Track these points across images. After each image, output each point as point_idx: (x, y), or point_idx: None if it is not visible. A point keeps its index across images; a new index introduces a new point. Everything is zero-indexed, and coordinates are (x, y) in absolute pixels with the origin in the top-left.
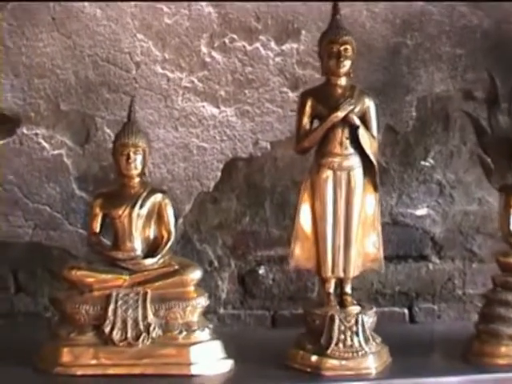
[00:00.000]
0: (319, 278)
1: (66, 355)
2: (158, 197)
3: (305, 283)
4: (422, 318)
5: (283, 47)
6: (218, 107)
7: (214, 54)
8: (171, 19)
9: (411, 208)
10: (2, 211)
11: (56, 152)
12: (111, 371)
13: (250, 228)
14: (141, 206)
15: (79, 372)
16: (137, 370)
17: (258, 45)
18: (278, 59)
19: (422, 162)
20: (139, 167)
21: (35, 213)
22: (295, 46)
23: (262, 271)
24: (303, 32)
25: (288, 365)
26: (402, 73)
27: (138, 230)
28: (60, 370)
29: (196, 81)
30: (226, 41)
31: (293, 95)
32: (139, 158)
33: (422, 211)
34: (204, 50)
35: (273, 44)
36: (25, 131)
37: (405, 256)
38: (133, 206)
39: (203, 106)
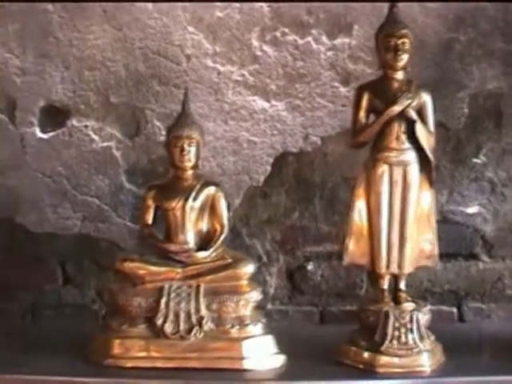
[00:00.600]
0: (372, 275)
1: (117, 347)
2: (211, 189)
3: (353, 280)
4: (471, 317)
5: (335, 42)
6: (269, 101)
7: (265, 47)
8: (222, 12)
9: (462, 206)
10: (51, 203)
11: (105, 144)
12: (162, 364)
13: (300, 223)
14: (194, 199)
15: (130, 364)
16: (188, 364)
17: (309, 39)
18: (329, 53)
19: (474, 160)
20: (193, 159)
21: (84, 205)
22: (347, 40)
23: (310, 267)
24: (355, 27)
25: (340, 361)
26: (454, 69)
27: (191, 223)
28: (111, 361)
29: (247, 74)
30: (278, 34)
31: (344, 90)
32: (193, 150)
33: (472, 209)
34: (255, 43)
35: (324, 38)
36: (74, 123)
37: (455, 254)
38: (186, 199)
39: (254, 100)
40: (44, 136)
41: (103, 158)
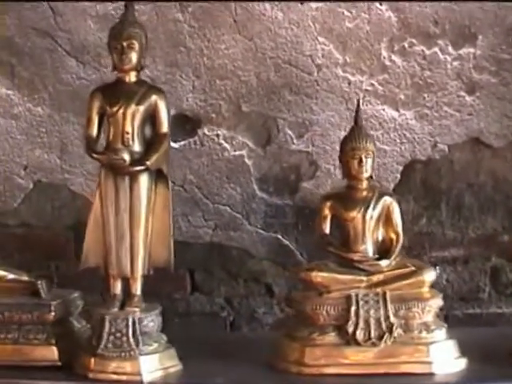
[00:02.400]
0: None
1: (308, 355)
2: (387, 199)
3: (477, 284)
4: None
5: (460, 51)
6: (398, 110)
7: (393, 57)
8: (352, 23)
9: None
10: (183, 211)
11: (237, 153)
12: (354, 371)
13: (426, 229)
14: (373, 209)
15: (323, 371)
16: (379, 370)
17: (436, 49)
18: (455, 63)
19: None
20: (369, 170)
21: (215, 213)
22: (472, 50)
23: (436, 272)
24: (480, 37)
25: None
26: None
27: (370, 232)
28: (303, 369)
29: (376, 84)
30: (406, 45)
31: (469, 99)
32: (369, 161)
33: None
34: (384, 53)
35: (450, 48)
36: (206, 132)
37: None
38: (366, 209)
39: (383, 109)
40: (175, 145)
41: (235, 166)
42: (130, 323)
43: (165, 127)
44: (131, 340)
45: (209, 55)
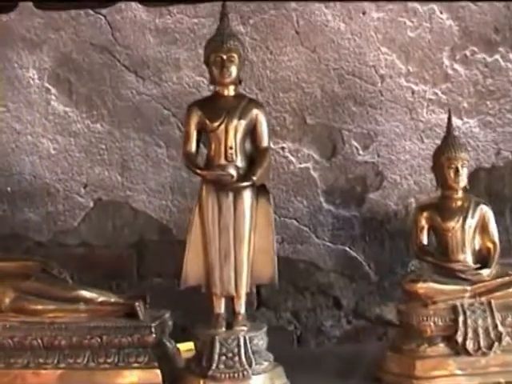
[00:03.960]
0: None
1: (419, 368)
2: (483, 208)
3: None
4: None
5: None
6: (461, 118)
7: (455, 66)
8: (413, 32)
9: None
10: None
11: (303, 165)
12: (466, 381)
13: None
14: (472, 218)
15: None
16: (491, 379)
17: (497, 56)
18: None
19: None
20: (465, 180)
21: (282, 227)
22: None
23: None
24: None
25: None
26: None
27: (469, 242)
28: (414, 382)
29: (439, 93)
30: (467, 53)
31: None
32: (465, 170)
33: None
34: (446, 62)
35: (511, 55)
36: (271, 145)
37: None
38: (465, 218)
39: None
40: None
41: (301, 179)
42: (242, 343)
43: (266, 141)
44: (243, 360)
45: (272, 67)
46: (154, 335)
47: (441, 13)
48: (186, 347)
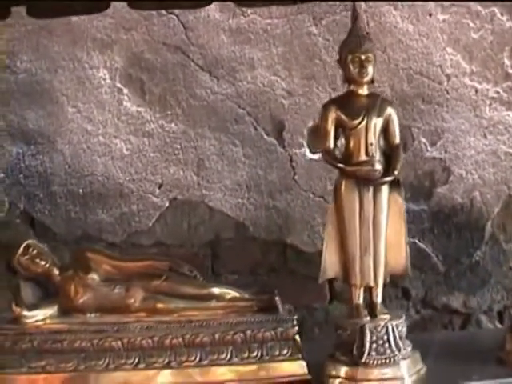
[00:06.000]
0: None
1: None
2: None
3: None
4: None
5: None
6: None
7: None
8: (477, 34)
9: None
10: (324, 221)
11: None
12: None
13: None
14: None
15: None
16: None
17: None
18: None
19: None
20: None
21: None
22: None
23: None
24: None
25: None
26: None
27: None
28: None
29: (501, 91)
30: None
31: None
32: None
33: None
34: (507, 62)
35: None
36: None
37: None
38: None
39: (508, 115)
40: (313, 156)
41: None
42: (390, 330)
43: (398, 138)
44: (393, 346)
45: None
46: (296, 328)
47: (501, 15)
48: None
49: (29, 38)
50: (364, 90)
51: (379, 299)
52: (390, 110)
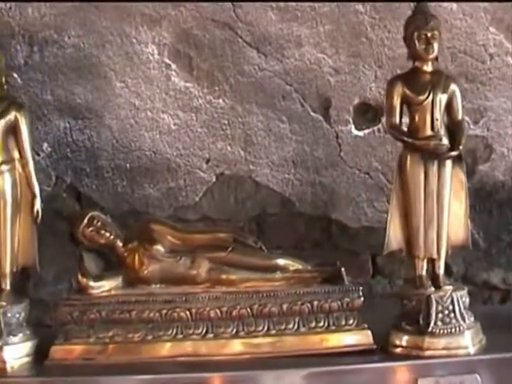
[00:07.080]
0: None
1: None
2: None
3: None
4: None
5: None
6: None
7: None
8: None
9: None
10: (368, 198)
11: None
12: None
13: None
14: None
15: None
16: None
17: None
18: None
19: None
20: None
21: None
22: None
23: None
24: None
25: None
26: None
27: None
28: None
29: None
30: None
31: None
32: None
33: None
34: None
35: None
36: None
37: None
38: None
39: None
40: (359, 133)
41: None
42: (455, 300)
43: (461, 114)
44: (458, 316)
45: (390, 45)
46: (362, 298)
47: None
48: None
49: (76, 14)
50: (429, 67)
51: (441, 271)
52: (453, 87)
